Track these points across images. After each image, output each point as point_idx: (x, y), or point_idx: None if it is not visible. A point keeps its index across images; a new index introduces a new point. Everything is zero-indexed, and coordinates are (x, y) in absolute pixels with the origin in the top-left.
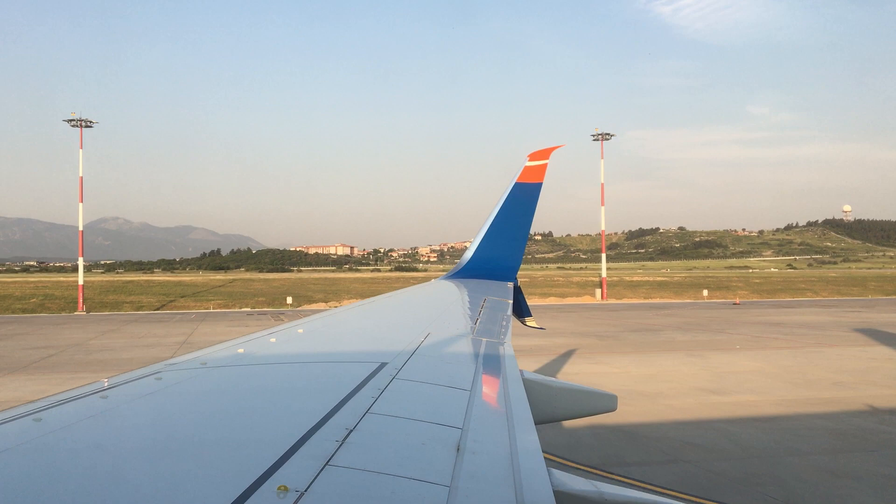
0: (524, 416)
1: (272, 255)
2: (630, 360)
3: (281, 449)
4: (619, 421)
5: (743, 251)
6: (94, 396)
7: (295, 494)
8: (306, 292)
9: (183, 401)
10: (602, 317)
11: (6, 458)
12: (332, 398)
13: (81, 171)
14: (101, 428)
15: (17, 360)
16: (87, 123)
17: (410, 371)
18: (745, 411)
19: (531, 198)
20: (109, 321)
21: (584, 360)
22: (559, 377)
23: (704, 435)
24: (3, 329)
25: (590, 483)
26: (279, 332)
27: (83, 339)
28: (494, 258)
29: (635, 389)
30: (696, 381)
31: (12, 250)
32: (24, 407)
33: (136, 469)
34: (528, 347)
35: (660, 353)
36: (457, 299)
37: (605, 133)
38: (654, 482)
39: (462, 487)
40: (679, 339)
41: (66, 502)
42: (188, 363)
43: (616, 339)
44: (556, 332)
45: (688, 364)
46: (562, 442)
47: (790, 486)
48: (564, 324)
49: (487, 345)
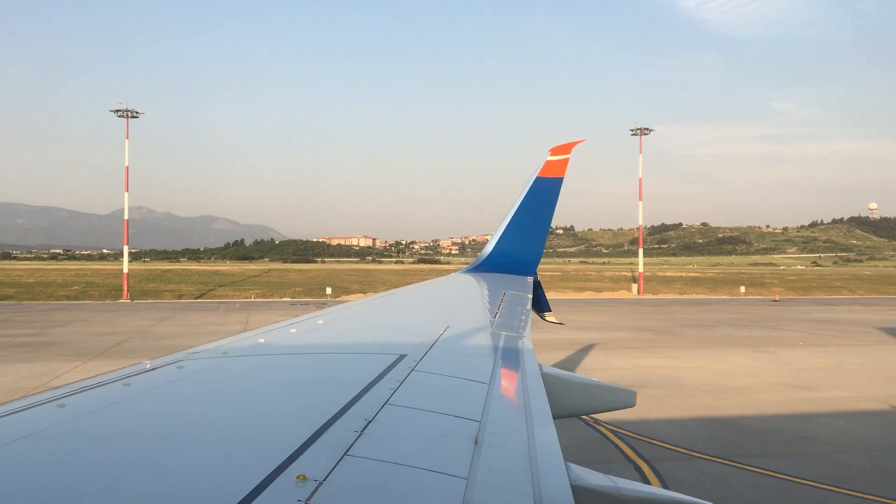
0: (543, 410)
1: (295, 246)
2: (699, 355)
3: (300, 438)
4: (719, 414)
5: (767, 248)
6: (118, 384)
7: (314, 484)
8: (342, 283)
9: (204, 389)
10: (648, 312)
11: (31, 444)
12: (351, 389)
13: (127, 161)
14: (124, 415)
15: (93, 347)
16: (133, 114)
17: (429, 363)
18: (842, 406)
19: (552, 192)
20: (158, 309)
21: (653, 354)
22: (634, 373)
23: (815, 429)
24: (59, 315)
25: (607, 478)
26: (300, 322)
27: (143, 326)
28: (514, 252)
29: (720, 384)
30: (777, 377)
31: (38, 238)
32: (48, 393)
33: (157, 456)
34: (586, 341)
35: (724, 348)
36: (476, 293)
37: (644, 128)
38: (786, 472)
39: (480, 480)
40: (737, 335)
41: (90, 487)
42: (210, 352)
43: (673, 334)
44: (610, 327)
45: (759, 360)
46: (673, 433)
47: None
48: (614, 318)
49: (506, 338)
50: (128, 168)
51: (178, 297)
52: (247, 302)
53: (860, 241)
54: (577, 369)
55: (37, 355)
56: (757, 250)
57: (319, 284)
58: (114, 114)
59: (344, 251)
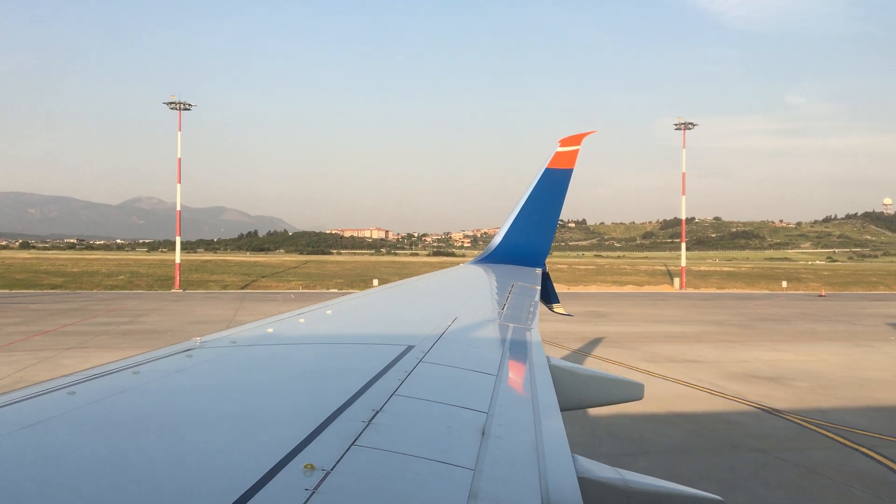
0: (550, 403)
1: (308, 238)
2: (806, 349)
3: (308, 428)
4: (891, 404)
5: (780, 242)
6: (127, 371)
7: (321, 473)
8: (381, 274)
9: (213, 378)
10: (707, 306)
11: (39, 431)
12: (360, 379)
13: (180, 153)
14: (133, 402)
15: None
16: (185, 106)
17: (437, 354)
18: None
19: (561, 184)
20: (218, 299)
21: (758, 347)
22: (760, 366)
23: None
24: (129, 304)
25: (614, 470)
26: (308, 312)
27: (224, 316)
28: (523, 244)
29: (858, 376)
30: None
31: (49, 228)
32: (58, 381)
33: (165, 444)
34: (675, 334)
35: (821, 342)
36: (485, 284)
37: (688, 122)
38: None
39: (487, 471)
40: (820, 329)
41: (99, 475)
42: (219, 341)
43: (756, 329)
44: (684, 320)
45: (874, 353)
46: (862, 422)
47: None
48: (678, 311)
49: (514, 330)
50: (180, 160)
51: (223, 287)
52: (299, 293)
53: (874, 237)
54: (702, 363)
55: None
56: (770, 245)
57: (359, 276)
58: (167, 106)
59: (357, 243)
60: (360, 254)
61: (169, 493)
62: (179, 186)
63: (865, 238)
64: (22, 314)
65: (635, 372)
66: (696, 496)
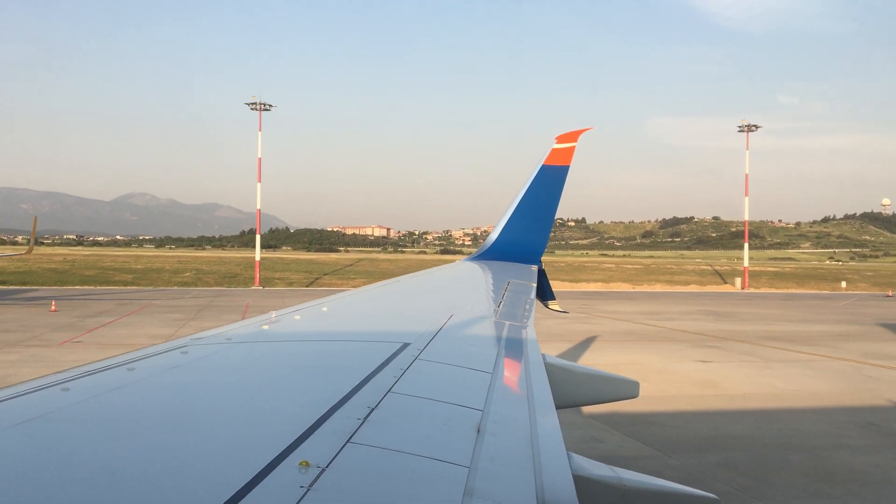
0: (545, 400)
1: (310, 235)
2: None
3: (303, 425)
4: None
5: (780, 242)
6: (121, 368)
7: (316, 470)
8: None
9: (207, 375)
10: (802, 307)
11: (32, 428)
12: (355, 376)
13: (260, 153)
14: (127, 400)
15: None
16: (266, 106)
17: (433, 352)
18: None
19: (558, 181)
20: (309, 295)
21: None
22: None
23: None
24: (230, 301)
25: (609, 469)
26: (304, 309)
27: None
28: (519, 241)
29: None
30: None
31: (42, 224)
32: (52, 377)
33: (159, 441)
34: (832, 335)
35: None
36: (481, 281)
37: (752, 125)
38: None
39: (482, 468)
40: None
41: (92, 472)
42: (213, 338)
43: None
44: (813, 320)
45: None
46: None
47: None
48: (790, 312)
49: (510, 328)
50: (260, 160)
51: (288, 284)
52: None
53: (873, 237)
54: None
55: None
56: (771, 245)
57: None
58: (248, 107)
59: (360, 241)
60: (365, 251)
61: (164, 490)
62: (259, 185)
63: (864, 238)
64: (159, 308)
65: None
66: (691, 494)
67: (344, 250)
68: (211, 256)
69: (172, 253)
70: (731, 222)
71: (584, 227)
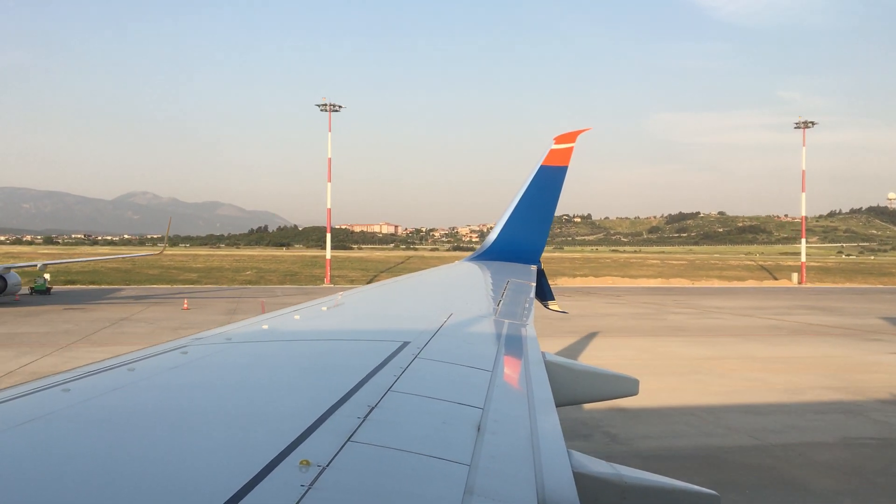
0: (545, 398)
1: (319, 233)
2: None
3: (304, 424)
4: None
5: (787, 237)
6: (122, 368)
7: (317, 469)
8: None
9: (208, 375)
10: (879, 299)
11: (33, 429)
12: (355, 375)
13: (330, 153)
14: (127, 400)
15: None
16: (335, 108)
17: (432, 350)
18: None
19: (556, 181)
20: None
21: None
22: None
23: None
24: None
25: (610, 466)
26: (304, 309)
27: None
28: (519, 241)
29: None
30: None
31: (44, 223)
32: (53, 378)
33: (160, 441)
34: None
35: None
36: (480, 281)
37: (808, 121)
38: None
39: (482, 467)
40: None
41: (93, 472)
42: (214, 338)
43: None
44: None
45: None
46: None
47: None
48: (872, 305)
49: (510, 326)
50: (330, 160)
51: (350, 282)
52: None
53: (880, 231)
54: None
55: None
56: (778, 239)
57: None
58: (318, 108)
59: (368, 238)
60: (380, 249)
61: (165, 489)
62: (330, 185)
63: (871, 232)
64: (276, 305)
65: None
66: (691, 491)
67: (357, 248)
68: (262, 255)
69: (217, 252)
70: (737, 217)
71: (590, 223)
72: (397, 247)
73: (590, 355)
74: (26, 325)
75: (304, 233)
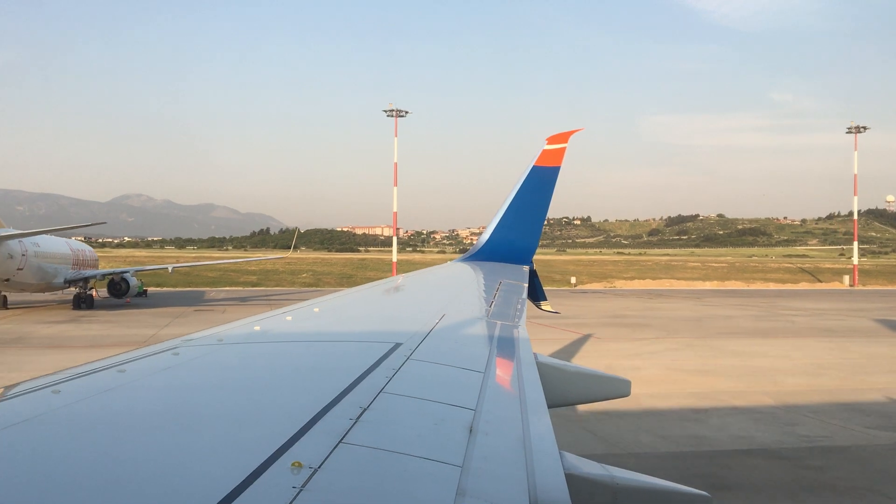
0: (537, 399)
1: (321, 235)
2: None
3: (295, 426)
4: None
5: (787, 239)
6: (113, 370)
7: (309, 471)
8: None
9: (199, 376)
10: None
11: (23, 430)
12: (347, 377)
13: (396, 157)
14: (119, 401)
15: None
16: (401, 113)
17: (425, 352)
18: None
19: (549, 182)
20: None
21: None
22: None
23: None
24: None
25: (601, 467)
26: (295, 310)
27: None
28: (511, 241)
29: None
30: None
31: (38, 225)
32: (44, 379)
33: (151, 443)
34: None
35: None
36: (472, 282)
37: (860, 126)
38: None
39: (474, 468)
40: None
41: (84, 474)
42: (205, 339)
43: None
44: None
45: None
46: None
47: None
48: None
49: (502, 327)
50: (396, 164)
51: None
52: None
53: (879, 234)
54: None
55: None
56: (778, 242)
57: None
58: (384, 114)
59: (370, 240)
60: (386, 251)
61: (155, 491)
62: (396, 189)
63: (871, 235)
64: None
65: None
66: (682, 492)
67: (364, 250)
68: (311, 258)
69: (259, 253)
70: (737, 220)
71: (589, 226)
72: (403, 249)
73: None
74: (185, 326)
75: (307, 235)
